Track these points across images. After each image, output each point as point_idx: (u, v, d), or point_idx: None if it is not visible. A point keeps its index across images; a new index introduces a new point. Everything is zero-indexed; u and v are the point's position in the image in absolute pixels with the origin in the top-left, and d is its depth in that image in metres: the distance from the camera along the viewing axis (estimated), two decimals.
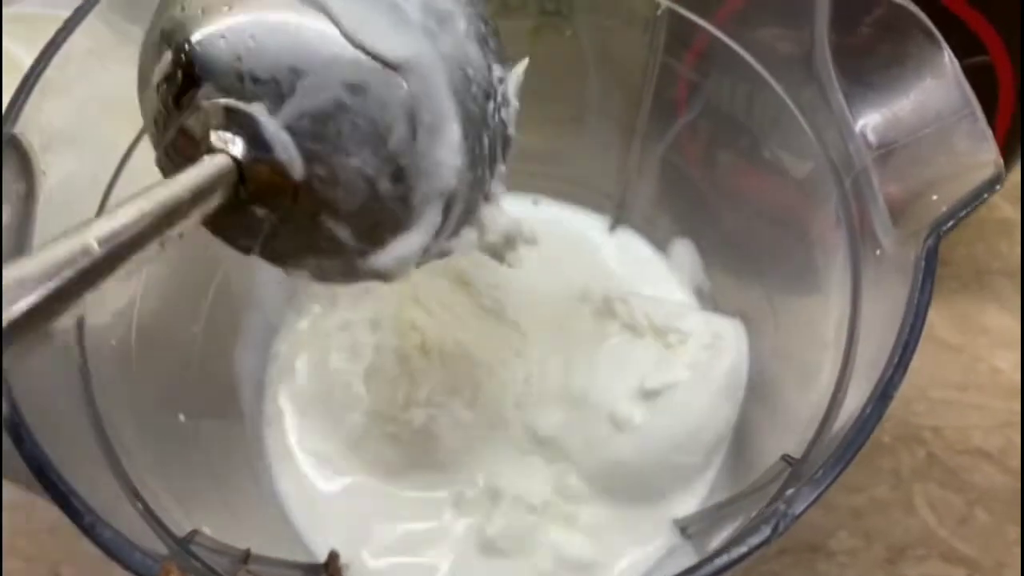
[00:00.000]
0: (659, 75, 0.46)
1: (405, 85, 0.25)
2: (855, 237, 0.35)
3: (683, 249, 0.52)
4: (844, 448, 0.24)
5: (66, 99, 0.32)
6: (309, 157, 0.25)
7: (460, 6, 0.27)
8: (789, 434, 0.37)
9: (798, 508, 0.24)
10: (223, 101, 0.24)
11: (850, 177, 0.35)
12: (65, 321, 0.19)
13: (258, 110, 0.24)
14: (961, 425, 0.52)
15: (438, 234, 0.28)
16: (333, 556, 0.44)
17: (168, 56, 0.25)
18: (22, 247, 0.29)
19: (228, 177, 0.24)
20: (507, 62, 0.30)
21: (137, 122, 0.38)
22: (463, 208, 0.28)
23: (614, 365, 0.46)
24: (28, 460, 0.25)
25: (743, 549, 0.23)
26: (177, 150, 0.26)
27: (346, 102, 0.24)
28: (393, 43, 0.25)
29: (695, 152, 0.48)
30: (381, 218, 0.27)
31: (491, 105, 0.28)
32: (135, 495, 0.29)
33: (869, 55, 0.35)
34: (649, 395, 0.44)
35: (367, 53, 0.24)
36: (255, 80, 0.24)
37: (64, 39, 0.32)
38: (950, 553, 0.47)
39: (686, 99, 0.47)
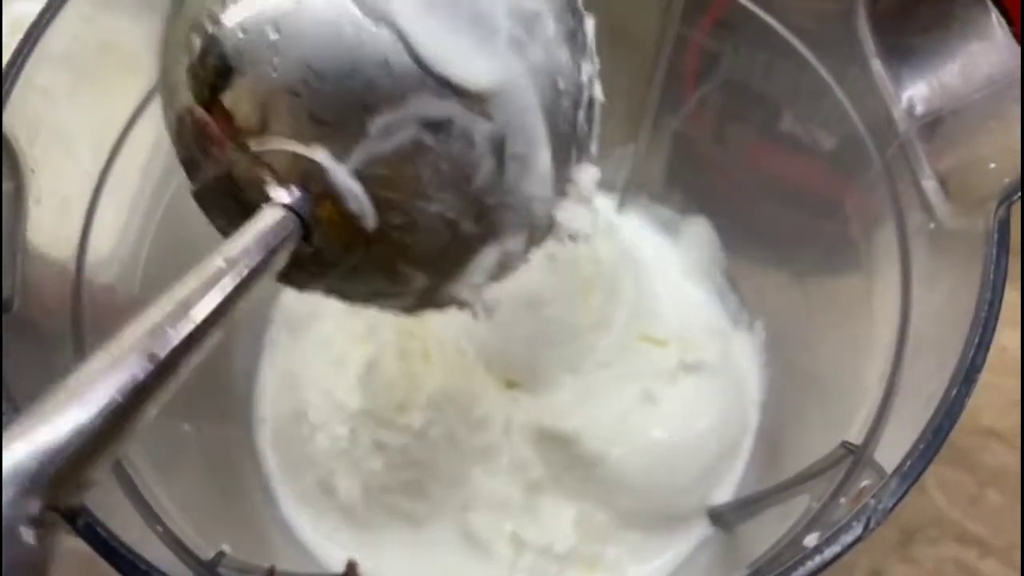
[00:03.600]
0: (674, 44, 0.43)
1: (493, 116, 0.21)
2: (900, 210, 0.33)
3: (697, 228, 0.49)
4: (931, 435, 0.22)
5: (51, 91, 0.29)
6: (383, 205, 0.21)
7: (548, 2, 0.23)
8: (835, 420, 0.36)
9: (888, 502, 0.22)
10: (282, 146, 0.20)
11: (892, 147, 0.33)
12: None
13: (323, 156, 0.20)
14: (971, 405, 0.50)
15: (516, 257, 0.25)
16: (351, 565, 0.42)
17: (209, 80, 0.20)
18: (14, 249, 0.26)
19: (291, 233, 0.20)
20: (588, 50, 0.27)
21: (123, 112, 0.36)
22: (546, 228, 0.26)
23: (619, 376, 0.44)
24: None
25: (836, 548, 0.21)
26: (228, 191, 0.22)
27: (425, 142, 0.20)
28: (479, 68, 0.20)
29: (711, 126, 0.46)
30: (461, 256, 0.24)
31: (580, 114, 0.25)
32: (155, 519, 0.27)
33: (910, 18, 0.33)
34: (652, 399, 0.42)
35: (449, 85, 0.20)
36: (318, 121, 0.20)
37: (42, 32, 0.29)
38: (962, 534, 0.47)
39: (702, 70, 0.44)
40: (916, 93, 0.32)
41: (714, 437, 0.42)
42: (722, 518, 0.42)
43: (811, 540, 0.24)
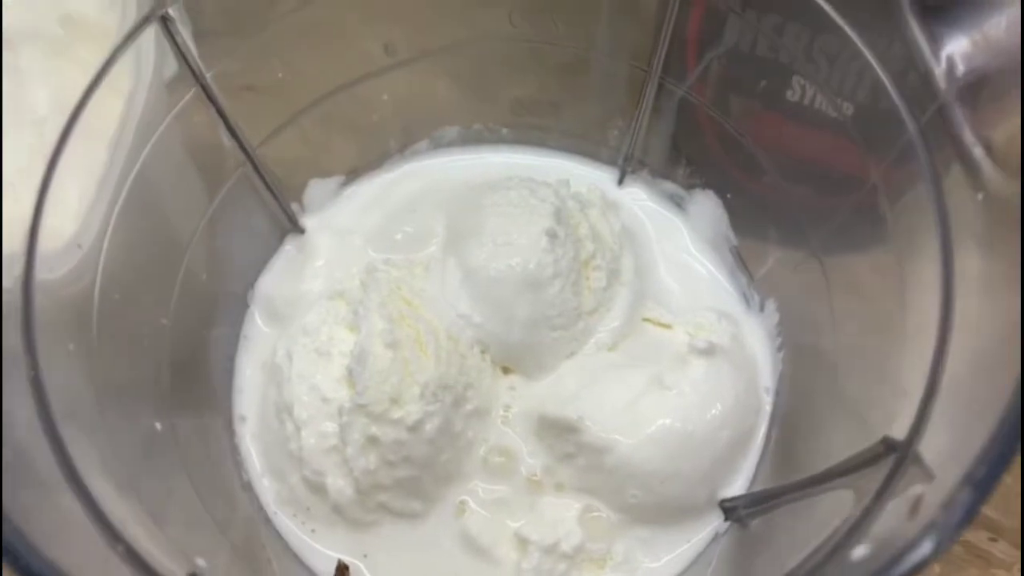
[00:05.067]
0: (679, 7, 0.40)
1: None
2: (938, 181, 0.30)
3: (704, 203, 0.47)
4: (1007, 435, 0.20)
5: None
6: None
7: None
8: (860, 409, 0.33)
9: (959, 515, 0.19)
10: None
11: (929, 112, 0.31)
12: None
13: None
14: None
15: None
16: (342, 568, 0.39)
17: None
18: None
19: None
20: None
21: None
22: None
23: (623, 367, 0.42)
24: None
25: (903, 569, 0.19)
26: None
27: None
28: None
29: (717, 95, 0.43)
30: None
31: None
32: (116, 537, 0.24)
33: None
34: (662, 385, 0.40)
35: None
36: None
37: None
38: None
39: (707, 34, 0.41)
40: (957, 50, 0.30)
41: (727, 425, 0.39)
42: (736, 511, 0.39)
43: (860, 552, 0.22)
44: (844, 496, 0.29)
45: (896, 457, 0.26)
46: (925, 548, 0.19)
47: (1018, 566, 0.43)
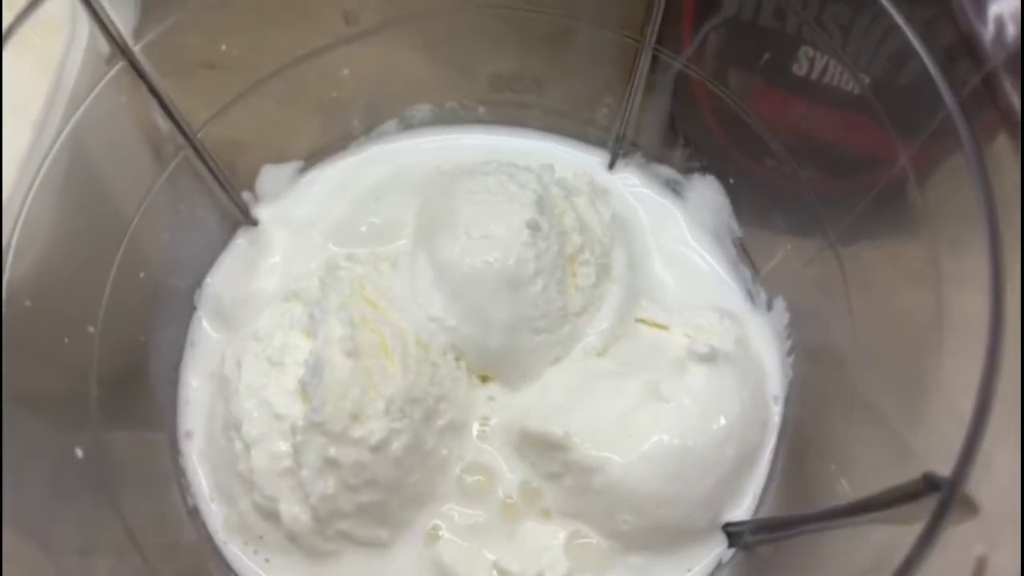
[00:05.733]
0: None
1: None
2: (982, 160, 0.26)
3: (704, 189, 0.43)
4: None
5: None
6: None
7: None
8: (885, 426, 0.29)
9: None
10: None
11: (973, 83, 0.26)
12: None
13: None
14: None
15: None
16: None
17: None
18: None
19: None
20: None
21: None
22: None
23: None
24: None
25: None
26: None
27: None
28: None
29: (720, 68, 0.39)
30: None
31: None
32: None
33: None
34: (658, 395, 0.36)
35: None
36: None
37: None
38: None
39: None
40: (1007, 9, 0.25)
41: (732, 440, 0.36)
42: (741, 537, 0.36)
43: None
44: (874, 536, 0.25)
45: (940, 498, 0.22)
46: None
47: None
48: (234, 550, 0.36)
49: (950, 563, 0.19)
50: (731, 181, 0.42)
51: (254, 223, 0.43)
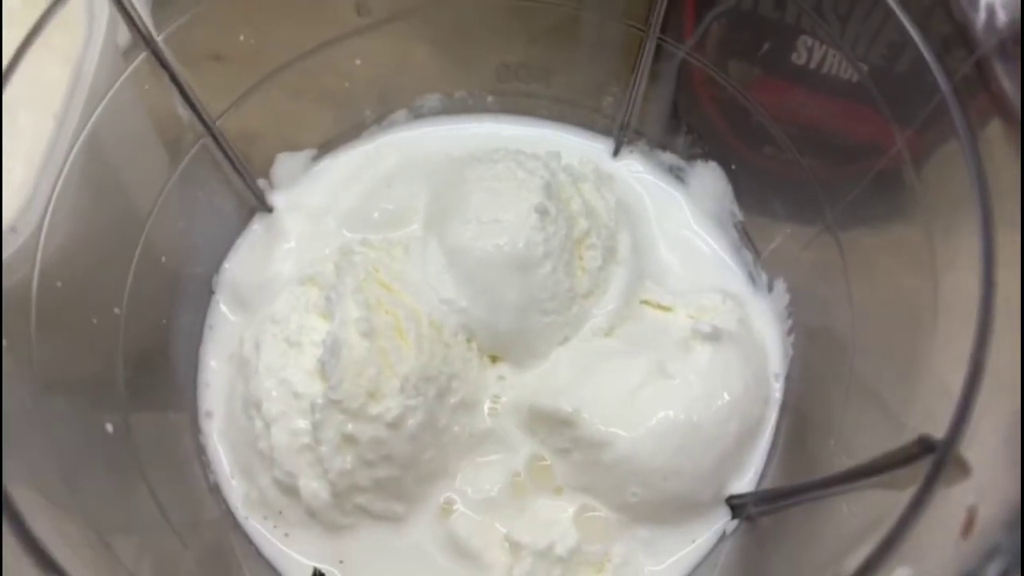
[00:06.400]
0: None
1: None
2: (975, 146, 0.27)
3: (707, 175, 0.44)
4: None
5: None
6: None
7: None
8: (882, 400, 0.31)
9: None
10: None
11: (965, 68, 0.27)
12: None
13: None
14: None
15: None
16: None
17: None
18: None
19: None
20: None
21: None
22: None
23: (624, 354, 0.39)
24: None
25: None
26: None
27: None
28: None
29: (721, 57, 0.40)
30: None
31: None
32: (52, 567, 0.21)
33: None
34: (664, 373, 0.37)
35: None
36: None
37: None
38: None
39: None
40: None
41: (735, 416, 0.37)
42: (745, 508, 0.37)
43: (904, 574, 0.19)
44: (871, 500, 0.26)
45: (935, 458, 0.23)
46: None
47: None
48: (255, 525, 0.37)
49: (942, 517, 0.20)
50: (733, 167, 0.43)
51: (269, 210, 0.44)
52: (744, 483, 0.38)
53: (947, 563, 0.17)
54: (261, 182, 0.43)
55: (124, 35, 0.35)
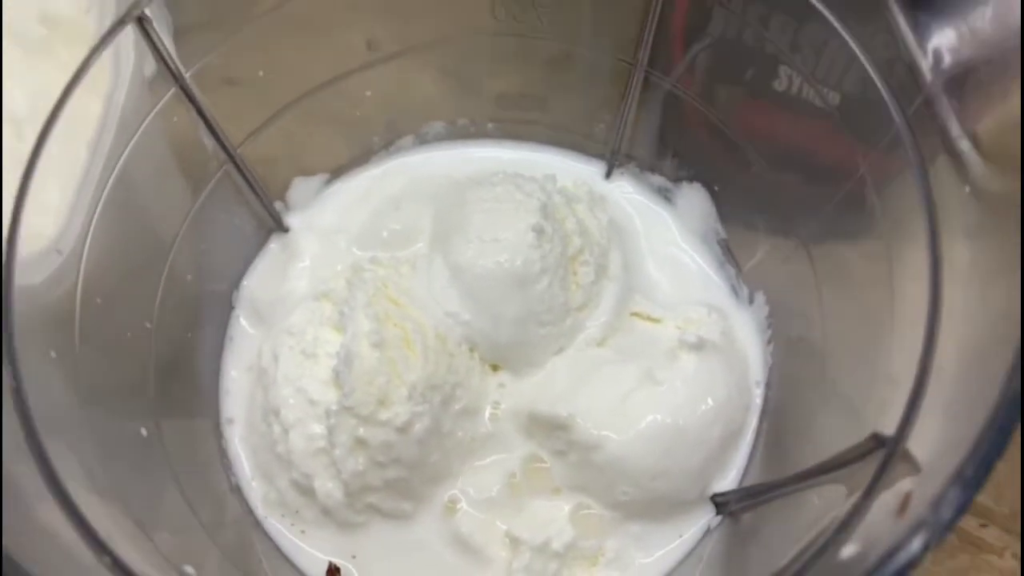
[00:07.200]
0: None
1: None
2: (925, 173, 0.30)
3: (693, 195, 0.46)
4: (994, 434, 0.20)
5: None
6: None
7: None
8: (850, 404, 0.33)
9: (948, 514, 0.19)
10: None
11: (916, 104, 0.30)
12: None
13: None
14: None
15: None
16: (333, 569, 0.39)
17: None
18: None
19: None
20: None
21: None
22: None
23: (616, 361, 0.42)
24: None
25: (893, 568, 0.18)
26: None
27: None
28: None
29: (704, 87, 0.43)
30: None
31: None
32: (102, 548, 0.23)
33: None
34: (653, 380, 0.40)
35: None
36: None
37: None
38: None
39: (693, 26, 0.41)
40: (943, 42, 0.29)
41: (719, 420, 0.39)
42: (728, 505, 0.39)
43: (849, 551, 0.22)
44: (834, 491, 0.29)
45: (885, 452, 0.26)
46: (914, 547, 0.19)
47: (1009, 551, 0.43)
48: (274, 523, 0.40)
49: (886, 500, 0.23)
50: (716, 188, 0.45)
51: (286, 230, 0.46)
52: (727, 482, 0.40)
53: (883, 538, 0.20)
54: (278, 204, 0.46)
55: (149, 67, 0.37)
